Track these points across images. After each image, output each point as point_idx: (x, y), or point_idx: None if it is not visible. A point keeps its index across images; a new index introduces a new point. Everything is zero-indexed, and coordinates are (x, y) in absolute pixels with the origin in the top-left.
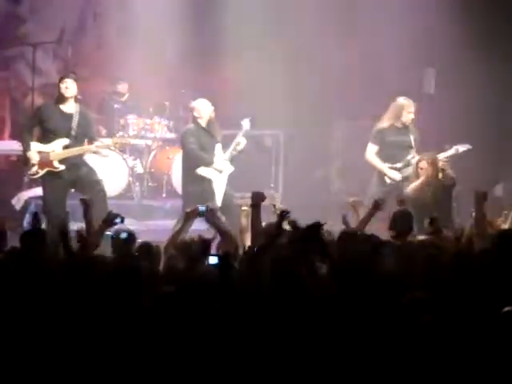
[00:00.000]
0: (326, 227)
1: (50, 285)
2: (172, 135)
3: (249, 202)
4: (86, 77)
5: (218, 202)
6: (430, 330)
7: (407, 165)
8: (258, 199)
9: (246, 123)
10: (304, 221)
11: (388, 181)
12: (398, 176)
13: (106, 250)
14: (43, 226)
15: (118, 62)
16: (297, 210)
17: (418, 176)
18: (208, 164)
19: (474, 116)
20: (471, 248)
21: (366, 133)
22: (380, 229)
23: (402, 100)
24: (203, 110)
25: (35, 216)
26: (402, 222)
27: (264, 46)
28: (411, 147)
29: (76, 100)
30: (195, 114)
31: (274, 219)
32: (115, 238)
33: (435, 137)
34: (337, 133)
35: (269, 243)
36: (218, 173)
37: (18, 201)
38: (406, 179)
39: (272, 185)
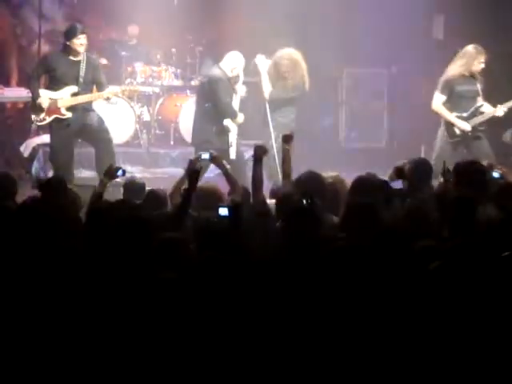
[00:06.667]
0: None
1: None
2: (179, 82)
3: None
4: (92, 24)
5: (232, 154)
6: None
7: (474, 114)
8: (260, 153)
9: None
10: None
11: (458, 132)
12: (467, 126)
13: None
14: (50, 173)
15: (125, 8)
16: (303, 158)
17: None
18: (235, 118)
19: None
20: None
21: (375, 80)
22: None
23: (474, 49)
24: (236, 62)
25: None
26: (420, 172)
27: None
28: (478, 96)
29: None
30: (228, 63)
31: None
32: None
33: None
34: (346, 81)
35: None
36: (236, 125)
37: (25, 148)
38: (474, 129)
39: None
